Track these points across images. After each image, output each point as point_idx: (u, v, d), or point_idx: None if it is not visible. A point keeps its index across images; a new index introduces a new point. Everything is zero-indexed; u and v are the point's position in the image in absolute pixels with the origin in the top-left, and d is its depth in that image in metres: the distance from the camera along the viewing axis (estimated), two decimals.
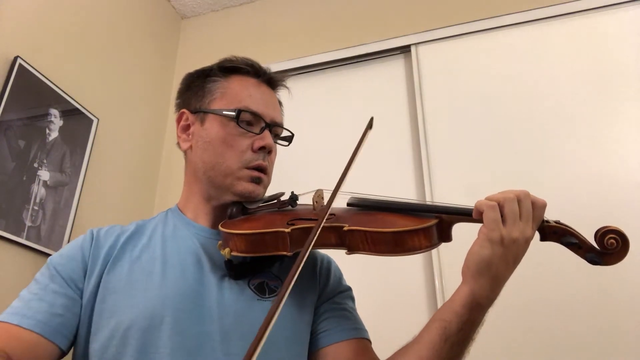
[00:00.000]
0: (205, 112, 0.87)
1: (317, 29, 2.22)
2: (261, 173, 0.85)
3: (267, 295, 0.78)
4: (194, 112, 0.89)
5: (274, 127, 0.89)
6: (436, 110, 1.86)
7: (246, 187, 0.83)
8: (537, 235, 0.69)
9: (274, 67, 1.01)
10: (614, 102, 1.65)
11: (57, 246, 1.57)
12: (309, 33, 2.22)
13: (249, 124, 0.85)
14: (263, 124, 0.86)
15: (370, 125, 0.81)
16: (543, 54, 1.80)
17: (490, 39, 1.90)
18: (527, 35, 1.85)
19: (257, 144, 0.84)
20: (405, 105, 1.96)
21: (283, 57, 2.15)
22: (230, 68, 0.90)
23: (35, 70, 1.57)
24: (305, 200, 0.88)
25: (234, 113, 0.84)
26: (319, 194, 0.84)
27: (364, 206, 0.81)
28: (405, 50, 2.03)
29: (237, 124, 0.84)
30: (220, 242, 0.78)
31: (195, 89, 0.91)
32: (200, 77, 0.92)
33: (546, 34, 1.83)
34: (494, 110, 1.79)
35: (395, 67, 2.05)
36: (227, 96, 0.87)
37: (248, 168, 0.83)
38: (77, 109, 1.73)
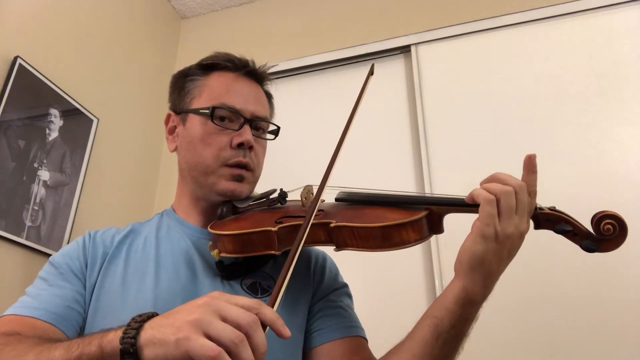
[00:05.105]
0: (186, 112, 0.87)
1: (317, 29, 2.22)
2: (242, 170, 0.83)
3: (259, 295, 0.78)
4: (178, 112, 0.89)
5: (257, 122, 0.88)
6: (436, 109, 1.86)
7: (227, 185, 0.82)
8: (530, 223, 0.67)
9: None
10: (614, 101, 1.64)
11: (57, 246, 1.57)
12: (309, 33, 2.22)
13: (228, 120, 0.84)
14: (242, 120, 0.84)
15: (371, 72, 0.78)
16: (543, 54, 1.79)
17: (490, 39, 1.89)
18: (527, 35, 1.84)
19: (236, 141, 0.82)
20: (405, 105, 1.95)
21: (283, 57, 2.15)
22: (209, 65, 0.90)
23: (35, 70, 1.57)
24: (298, 196, 0.88)
25: (208, 111, 0.83)
26: (307, 190, 0.83)
27: (352, 201, 0.80)
28: (405, 50, 2.03)
29: (212, 121, 0.83)
30: (210, 243, 0.78)
31: (177, 90, 0.91)
32: (182, 77, 0.91)
33: (546, 34, 1.82)
34: (493, 110, 1.78)
35: (395, 67, 2.05)
36: (205, 94, 0.86)
37: (228, 165, 0.82)
38: (77, 109, 1.74)
